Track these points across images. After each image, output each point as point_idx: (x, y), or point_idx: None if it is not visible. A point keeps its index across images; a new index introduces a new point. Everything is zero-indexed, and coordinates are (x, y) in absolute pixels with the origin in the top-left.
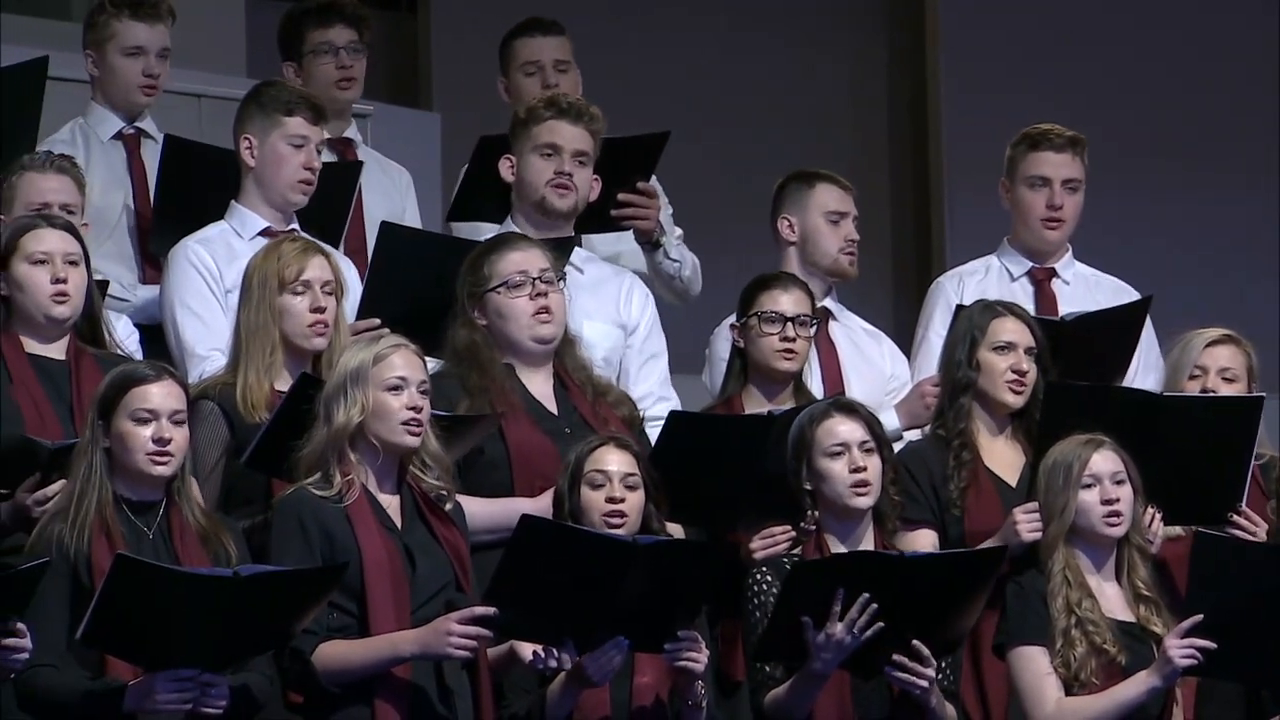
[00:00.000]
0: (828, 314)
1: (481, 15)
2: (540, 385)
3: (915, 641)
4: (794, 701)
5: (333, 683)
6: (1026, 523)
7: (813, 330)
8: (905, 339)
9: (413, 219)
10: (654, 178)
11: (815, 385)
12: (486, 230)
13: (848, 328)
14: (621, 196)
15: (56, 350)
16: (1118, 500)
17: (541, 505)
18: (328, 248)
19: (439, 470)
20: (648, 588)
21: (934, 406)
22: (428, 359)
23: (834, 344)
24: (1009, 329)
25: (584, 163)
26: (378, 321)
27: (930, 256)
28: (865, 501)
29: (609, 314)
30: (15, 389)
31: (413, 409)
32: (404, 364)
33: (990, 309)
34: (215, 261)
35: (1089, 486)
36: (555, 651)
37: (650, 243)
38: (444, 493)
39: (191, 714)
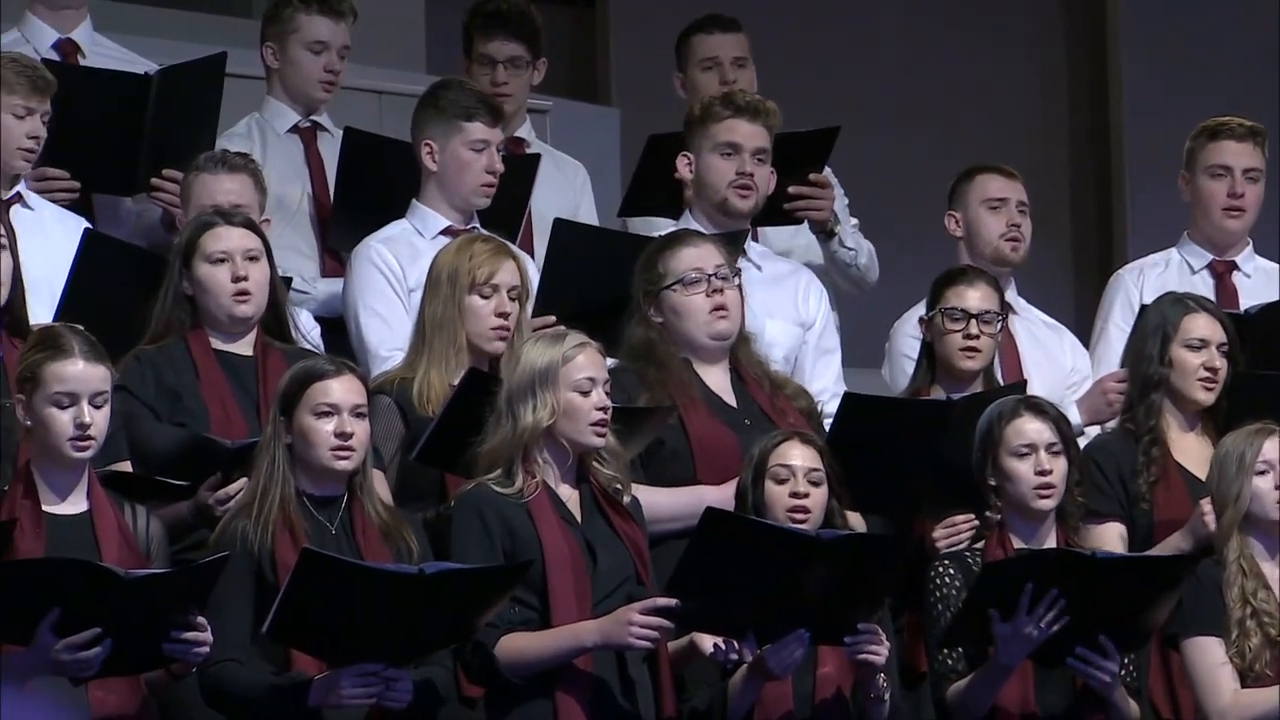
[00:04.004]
0: (1008, 308)
1: (661, 10)
2: (718, 379)
3: (1102, 637)
4: (977, 694)
5: (515, 675)
6: (1213, 513)
7: (998, 327)
8: (1086, 331)
9: (588, 214)
10: (829, 170)
11: (997, 380)
12: (661, 224)
13: (1028, 321)
14: (793, 189)
15: (244, 346)
16: None
17: (726, 494)
18: (517, 251)
19: (616, 464)
20: (830, 581)
21: (1116, 403)
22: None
23: (1014, 338)
24: (1201, 325)
25: (763, 160)
26: (553, 318)
27: (1111, 248)
28: (1048, 504)
29: (788, 312)
30: (202, 386)
31: (601, 409)
32: (590, 363)
33: (1182, 304)
34: (398, 261)
35: (1262, 473)
36: (736, 644)
37: (824, 232)
38: (619, 486)
39: (375, 709)
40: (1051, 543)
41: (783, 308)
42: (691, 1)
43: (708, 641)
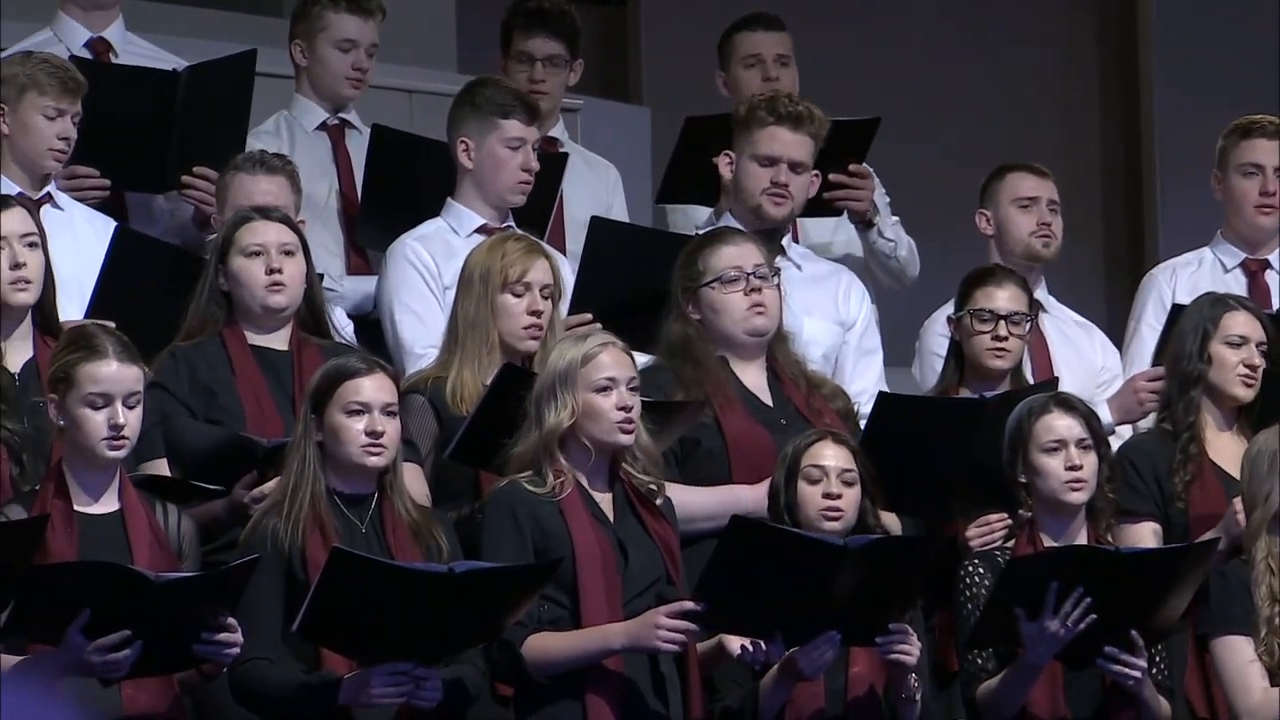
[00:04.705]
0: (1039, 306)
1: (691, 8)
2: (754, 378)
3: (1133, 632)
4: (1007, 693)
5: (542, 674)
6: (1244, 511)
7: (1027, 328)
8: (1117, 330)
9: (620, 214)
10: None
11: (1028, 378)
12: (699, 213)
13: (1059, 320)
14: (833, 177)
15: (279, 341)
16: None
17: (761, 494)
18: (550, 249)
19: (648, 462)
20: (859, 585)
21: (1147, 402)
22: (640, 355)
23: (1045, 337)
24: (1241, 322)
25: (801, 171)
26: (589, 316)
27: (1142, 247)
28: (1079, 498)
29: (828, 311)
30: (238, 382)
31: (624, 408)
32: (612, 363)
33: (1221, 302)
34: (434, 259)
35: None
36: (764, 645)
37: (864, 222)
38: (653, 487)
39: (405, 708)
40: (1082, 541)
41: (822, 307)
42: (722, 1)
43: (736, 643)
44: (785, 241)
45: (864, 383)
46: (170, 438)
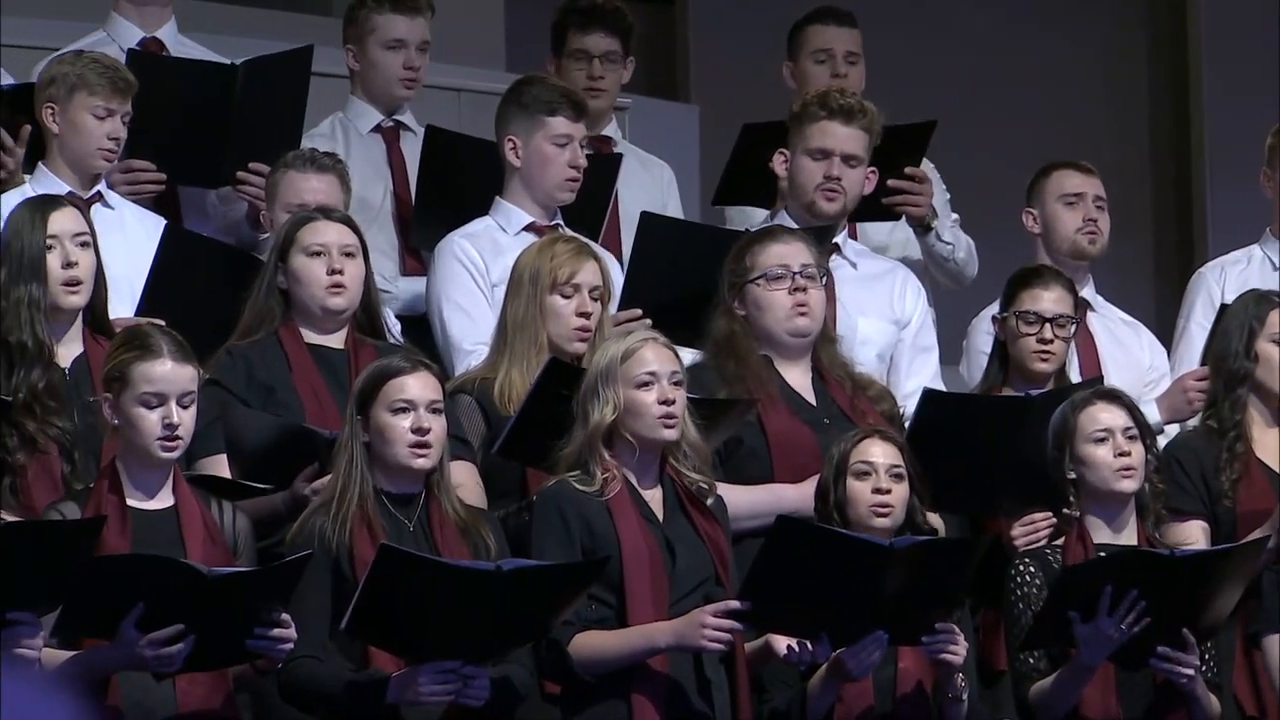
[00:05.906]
0: (1086, 305)
1: (739, 7)
2: (798, 378)
3: (1185, 630)
4: (1060, 694)
5: (588, 673)
6: None
7: (1072, 330)
8: (1166, 328)
9: (675, 214)
10: (931, 165)
11: (1074, 377)
12: (757, 214)
13: (1106, 319)
14: (891, 183)
15: (335, 340)
16: None
17: (805, 493)
18: (599, 250)
19: (698, 459)
20: (905, 586)
21: (1196, 401)
22: (689, 351)
23: (1092, 335)
24: None
25: (855, 165)
26: (639, 312)
27: (1191, 245)
28: (1130, 485)
29: (883, 310)
30: (295, 378)
31: (666, 402)
32: (653, 357)
33: (1267, 300)
34: (482, 256)
35: None
36: (810, 645)
37: (921, 225)
38: (704, 486)
39: (453, 706)
40: (1132, 536)
41: (877, 306)
42: None
43: (782, 643)
44: (841, 238)
45: (919, 380)
46: (231, 429)
